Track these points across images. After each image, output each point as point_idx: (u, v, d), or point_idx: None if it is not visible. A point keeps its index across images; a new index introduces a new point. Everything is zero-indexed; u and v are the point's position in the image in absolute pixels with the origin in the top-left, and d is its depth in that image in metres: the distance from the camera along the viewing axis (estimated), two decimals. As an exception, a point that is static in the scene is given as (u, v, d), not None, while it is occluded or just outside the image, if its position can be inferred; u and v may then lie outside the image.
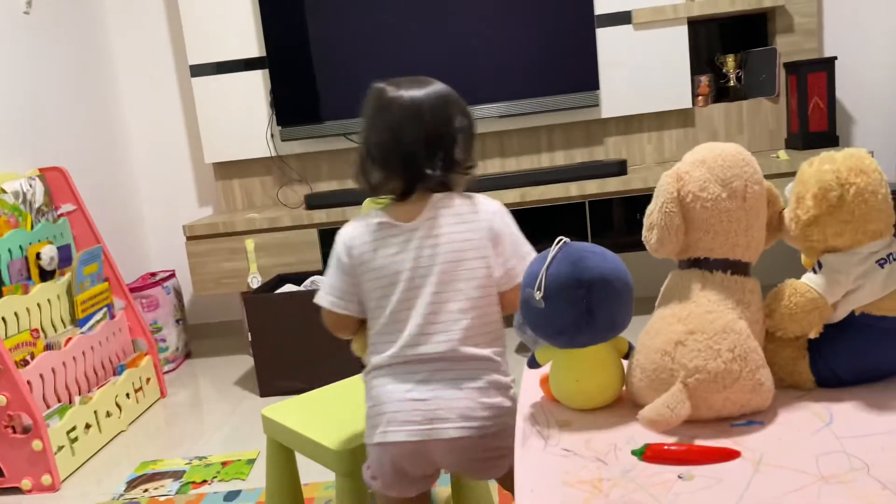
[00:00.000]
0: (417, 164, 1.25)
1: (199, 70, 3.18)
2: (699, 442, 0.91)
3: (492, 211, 1.29)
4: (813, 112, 2.93)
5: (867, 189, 0.97)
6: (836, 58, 2.93)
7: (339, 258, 1.28)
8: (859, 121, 3.16)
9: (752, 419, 0.95)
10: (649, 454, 0.88)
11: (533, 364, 1.11)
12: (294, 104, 3.13)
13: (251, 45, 3.16)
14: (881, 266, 0.98)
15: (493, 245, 1.26)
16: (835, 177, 0.97)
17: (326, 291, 1.30)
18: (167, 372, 3.05)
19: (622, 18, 3.05)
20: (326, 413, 1.55)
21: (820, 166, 0.99)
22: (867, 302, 0.99)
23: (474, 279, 1.24)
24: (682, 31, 3.03)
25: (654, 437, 0.94)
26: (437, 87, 1.35)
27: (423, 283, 1.23)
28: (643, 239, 1.04)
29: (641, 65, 3.06)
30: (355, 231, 1.28)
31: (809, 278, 1.01)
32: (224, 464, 2.16)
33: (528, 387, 1.15)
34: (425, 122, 1.27)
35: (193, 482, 2.07)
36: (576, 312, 1.00)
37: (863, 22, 3.09)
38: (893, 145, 3.08)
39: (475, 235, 1.26)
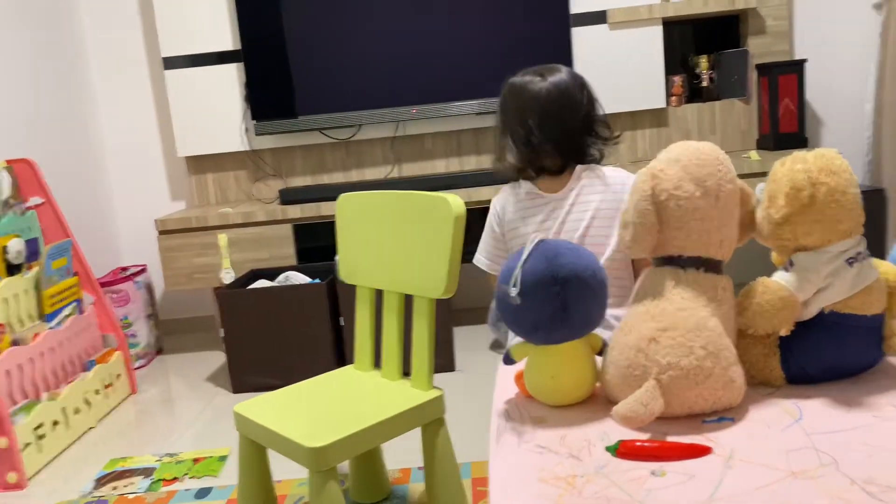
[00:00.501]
0: (576, 141, 1.46)
1: (172, 63, 3.14)
2: (671, 438, 0.92)
3: (621, 182, 1.45)
4: (783, 113, 2.97)
5: (837, 189, 0.98)
6: (806, 60, 2.98)
7: (491, 226, 1.58)
8: (827, 122, 3.22)
9: (724, 415, 0.97)
10: (623, 450, 0.89)
11: (508, 360, 1.11)
12: (269, 98, 3.10)
13: (226, 38, 3.12)
14: (850, 265, 1.00)
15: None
16: (806, 176, 0.98)
17: (481, 253, 1.62)
18: (138, 368, 3.01)
19: (597, 18, 3.07)
20: (299, 410, 1.53)
21: (792, 166, 1.00)
22: (836, 300, 1.01)
23: (611, 245, 1.42)
24: (657, 32, 3.06)
25: (628, 434, 0.94)
26: (571, 71, 1.54)
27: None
28: (619, 236, 1.05)
29: (616, 64, 3.08)
30: (506, 201, 1.54)
31: (780, 276, 1.02)
32: (195, 461, 2.14)
33: (503, 383, 1.16)
34: (577, 102, 1.46)
35: (164, 479, 2.04)
36: (551, 309, 1.00)
37: (832, 25, 3.14)
38: (860, 147, 3.13)
39: (613, 205, 1.42)
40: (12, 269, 2.31)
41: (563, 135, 1.46)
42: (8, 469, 2.04)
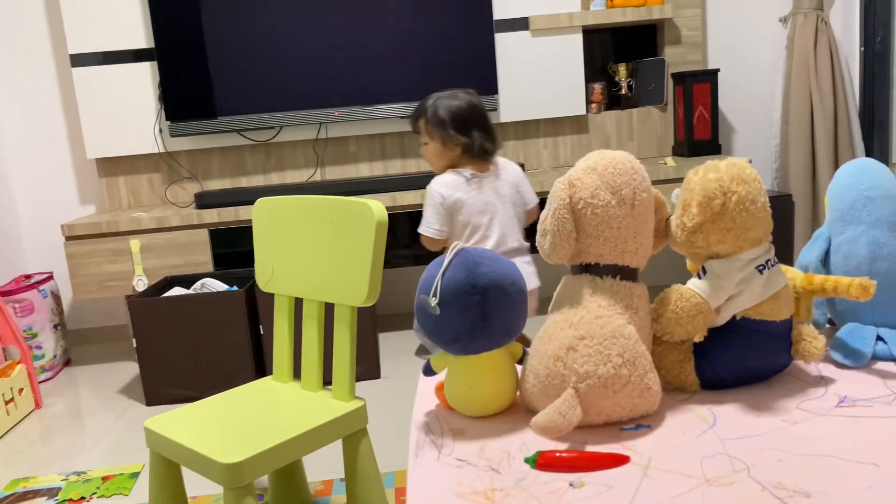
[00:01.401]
0: (496, 139, 2.28)
1: (80, 60, 2.99)
2: (590, 447, 0.92)
3: (509, 163, 2.35)
4: (698, 121, 3.07)
5: (747, 198, 1.00)
6: (718, 70, 3.09)
7: (437, 204, 2.19)
8: (739, 130, 3.34)
9: (641, 423, 0.97)
10: (542, 462, 0.88)
11: (428, 371, 1.10)
12: (184, 98, 2.99)
13: (139, 35, 3.00)
14: (760, 272, 1.03)
15: (520, 184, 2.33)
16: (718, 185, 1.00)
17: (430, 226, 2.21)
18: (43, 381, 2.85)
19: (520, 24, 3.09)
20: (214, 424, 1.47)
21: (705, 175, 1.02)
22: (748, 306, 1.03)
23: (521, 204, 2.31)
24: (577, 39, 3.11)
25: (547, 444, 0.94)
26: None
27: (500, 209, 2.24)
28: (537, 244, 1.04)
29: (538, 71, 3.11)
30: (452, 181, 2.20)
31: (694, 283, 1.04)
32: (105, 478, 2.03)
33: (423, 395, 1.14)
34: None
35: (70, 500, 1.93)
36: (471, 319, 0.99)
37: (742, 36, 3.26)
38: (769, 153, 3.27)
39: (518, 179, 2.31)
40: None
41: (491, 134, 2.25)
42: None
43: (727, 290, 1.03)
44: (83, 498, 1.94)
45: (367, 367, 2.57)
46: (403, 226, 2.83)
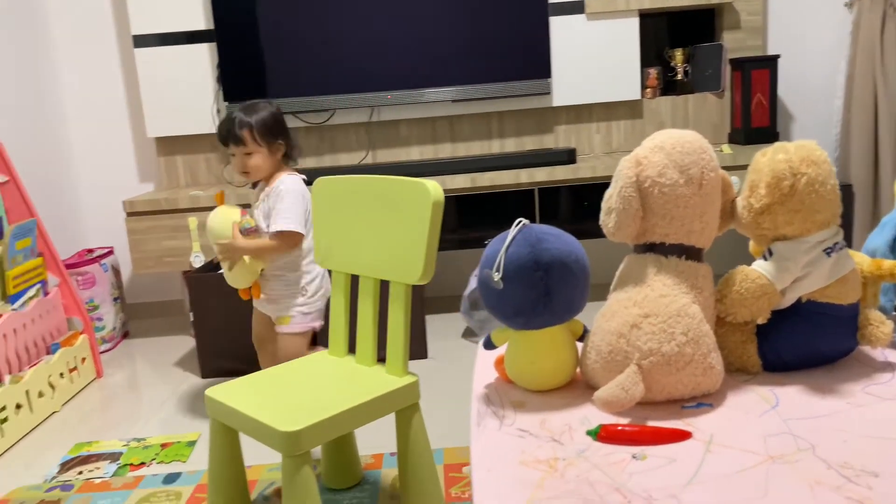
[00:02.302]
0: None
1: (142, 41, 3.07)
2: (651, 423, 0.93)
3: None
4: (756, 108, 3.01)
5: (817, 179, 0.99)
6: (779, 56, 3.02)
7: (306, 199, 2.02)
8: (798, 118, 3.27)
9: (702, 401, 0.97)
10: (604, 435, 0.89)
11: (489, 345, 1.11)
12: (241, 80, 3.05)
13: (198, 17, 3.06)
14: (828, 255, 1.02)
15: None
16: (788, 166, 0.99)
17: (299, 223, 1.98)
18: (104, 352, 2.95)
19: (575, 8, 3.07)
20: (273, 394, 1.52)
21: (773, 156, 1.01)
22: (814, 289, 1.02)
23: None
24: (634, 23, 3.07)
25: (608, 418, 0.95)
26: None
27: None
28: (601, 223, 1.05)
29: (593, 55, 3.09)
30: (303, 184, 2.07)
31: (760, 265, 1.03)
32: (163, 445, 2.10)
33: (482, 368, 1.15)
34: None
35: (131, 464, 2.01)
36: (533, 294, 1.00)
37: (804, 22, 3.18)
38: (828, 143, 3.19)
39: None
40: (-26, 249, 2.24)
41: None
42: (-31, 453, 1.99)
43: (793, 273, 1.02)
44: (143, 463, 2.01)
45: (415, 347, 2.59)
46: (451, 209, 2.85)
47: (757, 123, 3.01)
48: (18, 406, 2.20)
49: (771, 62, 3.00)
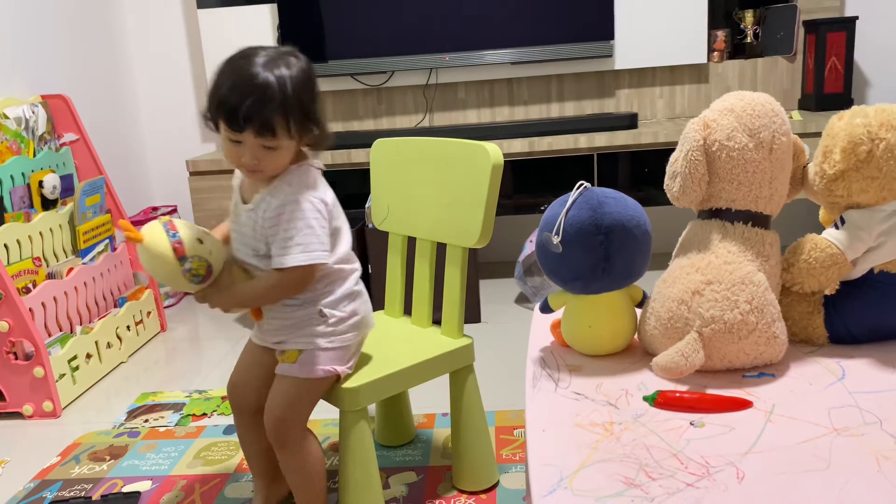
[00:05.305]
0: None
1: (205, 2, 3.10)
2: (711, 391, 0.91)
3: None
4: (829, 73, 2.88)
5: (897, 145, 0.95)
6: (857, 18, 2.87)
7: (320, 219, 1.28)
8: (875, 85, 3.12)
9: (764, 371, 0.96)
10: (661, 401, 0.89)
11: (545, 309, 1.11)
12: (302, 41, 3.04)
13: (259, -23, 3.08)
14: (904, 224, 0.98)
15: None
16: (866, 131, 0.95)
17: (322, 248, 1.27)
18: (167, 307, 3.05)
19: (641, -33, 2.98)
20: (331, 351, 1.55)
21: (851, 120, 0.97)
22: (887, 260, 0.99)
23: None
24: (702, -17, 2.96)
25: (665, 385, 0.94)
26: None
27: None
28: (665, 187, 1.02)
29: (658, 16, 2.99)
30: (327, 189, 1.33)
31: (831, 234, 1.00)
32: (224, 398, 2.17)
33: (538, 332, 1.15)
34: None
35: (193, 415, 2.09)
36: (593, 259, 0.99)
37: (886, -18, 3.02)
38: (907, 111, 3.04)
39: None
40: (47, 204, 2.33)
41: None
42: (44, 398, 2.09)
43: (866, 242, 0.98)
44: (205, 414, 2.09)
45: (469, 311, 2.61)
46: (507, 174, 2.83)
47: (830, 89, 2.89)
48: (89, 356, 2.30)
49: (848, 24, 2.86)
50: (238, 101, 1.16)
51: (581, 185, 1.03)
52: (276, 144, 1.21)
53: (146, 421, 2.06)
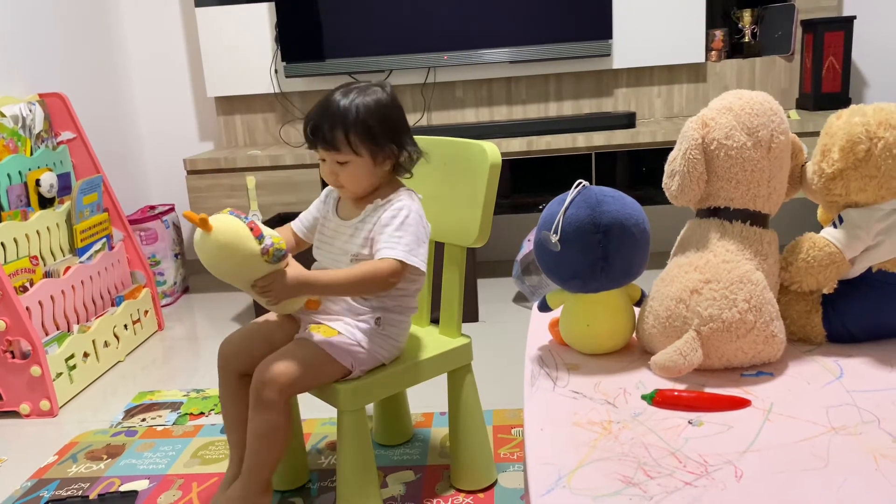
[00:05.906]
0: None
1: (203, 0, 3.10)
2: (709, 390, 0.91)
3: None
4: (827, 73, 2.88)
5: (895, 144, 0.95)
6: (854, 17, 2.88)
7: (421, 225, 1.39)
8: (873, 84, 3.12)
9: (762, 370, 0.96)
10: (659, 399, 0.89)
11: (543, 308, 1.11)
12: (299, 40, 3.06)
13: (257, -24, 3.07)
14: (903, 223, 0.98)
15: None
16: (864, 130, 0.95)
17: (418, 256, 1.35)
18: (165, 305, 3.05)
19: (639, -34, 2.97)
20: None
21: (849, 119, 0.97)
22: (885, 259, 0.99)
23: None
24: (700, -17, 2.96)
25: (664, 383, 0.94)
26: None
27: None
28: (663, 186, 1.02)
29: (656, 16, 2.99)
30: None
31: (829, 233, 1.00)
32: (221, 397, 2.17)
33: (536, 330, 1.15)
34: None
35: (191, 413, 2.08)
36: (592, 257, 0.99)
37: (884, -18, 3.02)
38: (905, 110, 3.04)
39: None
40: (45, 203, 2.33)
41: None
42: (41, 397, 2.09)
43: (864, 241, 0.98)
44: (202, 413, 2.08)
45: (466, 310, 2.60)
46: (505, 173, 2.82)
47: (828, 89, 2.89)
48: (86, 354, 2.30)
49: (846, 24, 2.86)
50: (309, 121, 1.37)
51: (579, 183, 1.02)
52: (344, 159, 1.35)
53: (143, 420, 2.06)
